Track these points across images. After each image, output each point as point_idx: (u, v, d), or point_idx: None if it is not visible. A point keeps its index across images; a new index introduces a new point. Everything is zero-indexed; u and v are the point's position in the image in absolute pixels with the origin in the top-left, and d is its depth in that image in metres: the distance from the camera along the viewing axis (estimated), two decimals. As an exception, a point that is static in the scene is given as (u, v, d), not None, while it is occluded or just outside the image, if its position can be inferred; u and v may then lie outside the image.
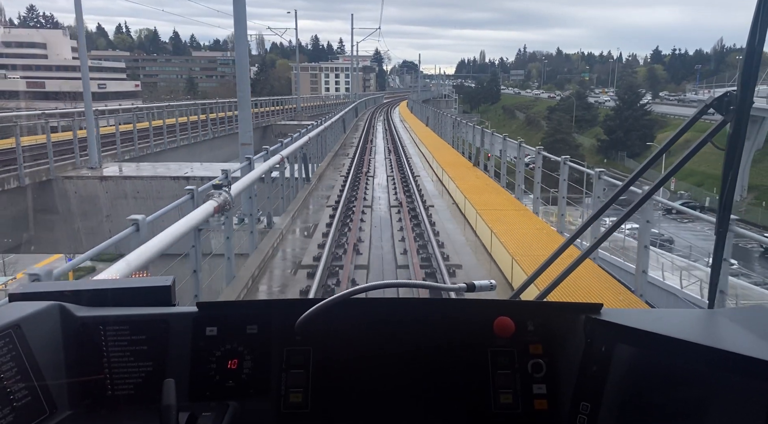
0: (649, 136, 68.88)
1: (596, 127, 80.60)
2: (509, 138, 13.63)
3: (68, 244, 17.11)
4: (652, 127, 72.62)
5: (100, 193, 16.28)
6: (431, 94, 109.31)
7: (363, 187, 14.26)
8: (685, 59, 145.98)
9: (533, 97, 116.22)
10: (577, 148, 69.17)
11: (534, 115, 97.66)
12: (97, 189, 16.31)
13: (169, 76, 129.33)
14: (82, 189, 16.30)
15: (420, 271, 7.51)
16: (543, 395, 1.26)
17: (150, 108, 26.07)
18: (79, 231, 16.24)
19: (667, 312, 1.44)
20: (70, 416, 1.16)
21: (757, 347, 1.03)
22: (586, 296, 5.58)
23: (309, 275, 7.28)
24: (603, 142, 74.96)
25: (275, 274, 7.84)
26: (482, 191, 11.96)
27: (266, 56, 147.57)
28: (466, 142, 20.45)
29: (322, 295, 6.73)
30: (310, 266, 7.65)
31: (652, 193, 1.56)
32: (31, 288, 1.33)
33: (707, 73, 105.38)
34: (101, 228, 15.62)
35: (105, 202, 16.29)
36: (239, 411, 1.21)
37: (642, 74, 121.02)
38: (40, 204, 16.05)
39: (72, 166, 16.83)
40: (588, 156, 71.66)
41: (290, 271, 7.82)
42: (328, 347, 1.28)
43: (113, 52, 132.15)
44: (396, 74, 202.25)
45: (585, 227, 1.69)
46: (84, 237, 16.45)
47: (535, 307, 1.35)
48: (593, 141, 77.94)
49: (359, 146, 23.70)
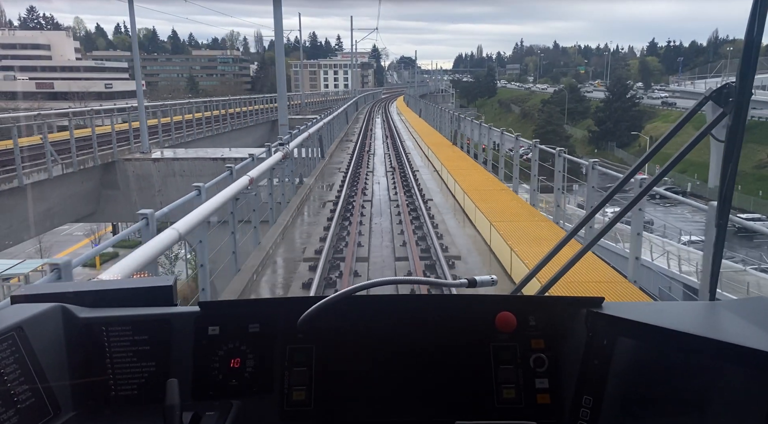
0: (637, 127, 73.10)
1: (588, 119, 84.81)
2: (492, 126, 17.94)
3: (127, 214, 21.35)
4: (641, 118, 76.85)
5: (153, 172, 20.54)
6: (428, 89, 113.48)
7: (366, 160, 18.59)
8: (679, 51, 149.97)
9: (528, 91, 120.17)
10: (567, 139, 73.25)
11: (529, 108, 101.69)
12: (151, 169, 20.56)
13: (169, 76, 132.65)
14: (138, 169, 20.55)
15: (404, 200, 11.83)
16: (545, 390, 1.28)
17: (174, 105, 30.24)
18: (136, 203, 20.46)
19: (668, 305, 1.51)
20: (74, 417, 1.17)
21: (758, 338, 1.04)
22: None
23: (333, 204, 11.55)
24: (594, 133, 79.14)
25: (311, 205, 12.16)
26: (453, 159, 16.31)
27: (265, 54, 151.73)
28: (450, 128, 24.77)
29: (343, 209, 10.99)
30: (333, 200, 11.96)
31: (652, 186, 1.58)
32: (34, 290, 1.35)
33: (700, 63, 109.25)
34: (153, 200, 19.79)
35: (157, 179, 20.54)
36: (243, 410, 1.23)
37: (634, 67, 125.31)
38: (105, 181, 20.34)
39: (128, 151, 21.09)
40: (580, 146, 75.93)
41: (319, 204, 12.12)
42: (331, 345, 1.30)
43: (114, 52, 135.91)
44: (394, 70, 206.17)
45: (585, 221, 1.75)
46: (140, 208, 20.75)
47: (537, 302, 1.38)
48: (585, 132, 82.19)
49: (361, 133, 28.07)
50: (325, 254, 8.03)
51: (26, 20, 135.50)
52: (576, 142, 77.81)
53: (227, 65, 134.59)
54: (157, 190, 20.49)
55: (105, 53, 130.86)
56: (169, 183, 20.34)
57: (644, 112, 78.98)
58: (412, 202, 11.80)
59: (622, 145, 74.46)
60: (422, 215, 10.47)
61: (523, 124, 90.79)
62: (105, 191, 20.46)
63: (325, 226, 9.85)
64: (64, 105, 59.29)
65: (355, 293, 1.25)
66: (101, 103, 54.49)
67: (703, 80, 60.68)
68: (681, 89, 69.94)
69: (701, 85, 61.46)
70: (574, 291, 5.27)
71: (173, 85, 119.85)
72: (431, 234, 9.03)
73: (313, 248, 8.53)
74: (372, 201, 12.31)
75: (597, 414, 1.21)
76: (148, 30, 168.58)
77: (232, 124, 32.45)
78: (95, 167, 19.33)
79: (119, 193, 20.63)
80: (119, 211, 20.92)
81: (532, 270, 1.57)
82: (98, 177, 19.99)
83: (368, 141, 25.18)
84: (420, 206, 11.22)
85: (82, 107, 38.06)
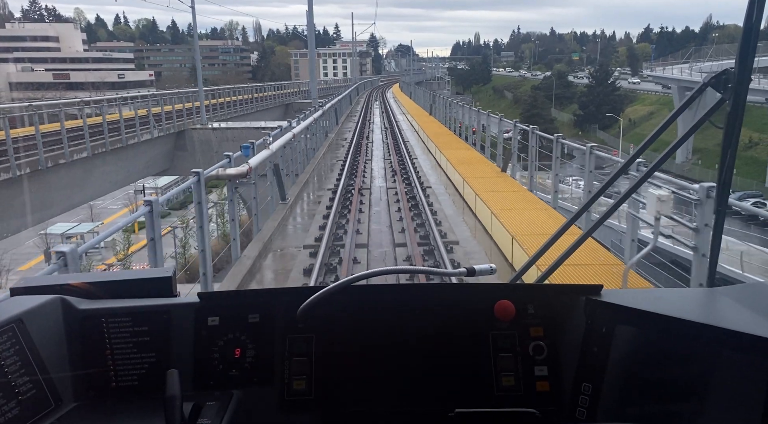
0: (617, 110, 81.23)
1: (574, 103, 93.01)
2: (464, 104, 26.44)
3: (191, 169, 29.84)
4: (621, 101, 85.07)
5: (211, 138, 28.94)
6: (425, 76, 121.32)
7: (367, 127, 27.12)
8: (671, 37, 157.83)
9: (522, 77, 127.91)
10: (551, 121, 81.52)
11: (521, 94, 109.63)
12: (210, 136, 28.96)
13: (172, 66, 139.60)
14: (201, 136, 28.94)
15: (391, 140, 20.46)
16: (545, 377, 1.32)
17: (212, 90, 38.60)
18: (199, 162, 28.84)
19: (667, 292, 1.51)
20: (75, 408, 1.20)
21: (756, 324, 1.07)
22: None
23: (344, 158, 19.94)
24: (578, 117, 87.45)
25: (335, 151, 20.67)
26: (429, 124, 24.87)
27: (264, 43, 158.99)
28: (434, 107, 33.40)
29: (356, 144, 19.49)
30: (348, 140, 20.51)
31: (651, 173, 1.61)
32: (33, 282, 1.39)
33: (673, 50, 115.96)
34: (212, 160, 28.23)
35: (214, 143, 28.93)
36: (243, 399, 1.28)
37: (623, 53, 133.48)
38: (177, 145, 28.73)
39: (192, 123, 29.48)
40: (567, 129, 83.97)
41: (342, 140, 20.63)
42: (331, 334, 1.35)
43: (117, 43, 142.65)
44: (392, 58, 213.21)
45: (584, 208, 1.80)
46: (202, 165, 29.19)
47: (535, 290, 1.42)
48: (571, 116, 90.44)
49: (362, 111, 36.63)
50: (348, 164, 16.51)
51: (28, 12, 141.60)
52: (563, 125, 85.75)
53: (228, 55, 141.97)
54: (214, 152, 28.86)
55: (108, 44, 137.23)
56: (223, 146, 28.72)
57: (625, 96, 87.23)
58: (395, 139, 20.43)
59: (604, 128, 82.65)
60: (399, 142, 19.07)
61: (515, 109, 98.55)
62: (177, 152, 28.88)
63: (344, 154, 18.32)
64: (83, 94, 66.75)
65: (353, 283, 1.30)
66: (117, 92, 61.96)
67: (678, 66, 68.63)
68: (654, 75, 77.95)
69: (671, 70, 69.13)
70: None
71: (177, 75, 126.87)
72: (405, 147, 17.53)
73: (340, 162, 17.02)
74: (372, 140, 20.91)
75: (596, 401, 1.25)
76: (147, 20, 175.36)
77: (256, 106, 40.92)
78: (171, 134, 27.76)
79: (187, 153, 29.05)
80: (186, 167, 29.31)
81: (531, 258, 1.64)
82: (173, 142, 28.41)
83: (369, 117, 33.82)
84: (398, 136, 19.90)
85: (100, 96, 46.18)
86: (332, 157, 18.50)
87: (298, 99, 52.50)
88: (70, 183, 20.06)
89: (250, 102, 40.09)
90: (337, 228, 9.24)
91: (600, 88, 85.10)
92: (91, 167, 21.23)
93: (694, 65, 65.39)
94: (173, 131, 27.72)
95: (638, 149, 1.60)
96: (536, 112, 78.87)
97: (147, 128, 25.80)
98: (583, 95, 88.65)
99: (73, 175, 20.10)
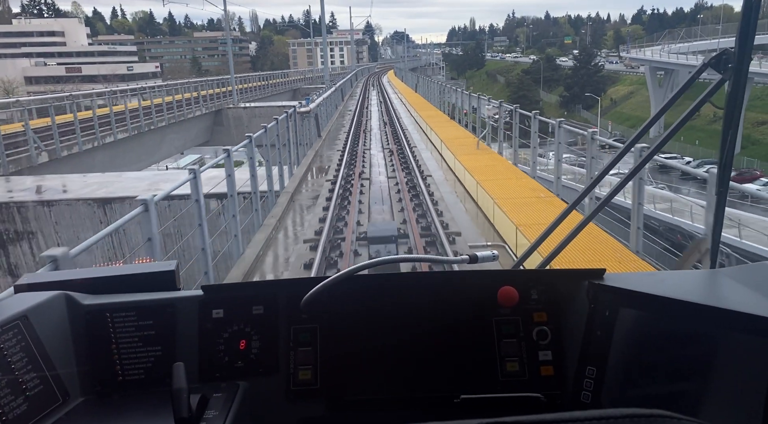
0: (600, 91, 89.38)
1: (561, 86, 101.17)
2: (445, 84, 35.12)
3: (228, 142, 38.42)
4: (605, 82, 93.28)
5: (243, 115, 37.56)
6: (419, 62, 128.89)
7: (367, 103, 35.90)
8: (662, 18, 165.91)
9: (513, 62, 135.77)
10: (537, 103, 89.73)
11: (512, 78, 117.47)
12: (242, 114, 37.59)
13: (173, 57, 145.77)
14: (234, 114, 37.58)
15: (383, 109, 29.21)
16: (549, 362, 1.35)
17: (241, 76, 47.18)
18: (234, 135, 37.45)
19: (670, 274, 1.54)
20: (82, 403, 1.23)
21: (760, 305, 1.09)
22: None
23: (350, 122, 28.53)
24: (564, 98, 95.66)
25: (345, 117, 29.35)
26: (414, 98, 33.62)
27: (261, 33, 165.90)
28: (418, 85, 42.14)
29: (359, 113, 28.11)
30: (353, 110, 29.22)
31: (652, 156, 1.66)
32: (36, 278, 1.41)
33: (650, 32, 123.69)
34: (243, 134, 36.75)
35: (246, 120, 37.53)
36: (250, 391, 1.31)
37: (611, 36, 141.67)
38: (215, 122, 37.38)
39: (226, 104, 38.11)
40: (553, 110, 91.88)
41: (348, 111, 29.31)
42: (335, 324, 1.38)
43: (119, 36, 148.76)
44: (387, 45, 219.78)
45: (586, 192, 1.81)
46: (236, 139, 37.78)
47: (538, 275, 1.45)
48: (558, 97, 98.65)
49: (362, 92, 45.47)
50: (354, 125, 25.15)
51: (27, 7, 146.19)
52: (550, 106, 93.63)
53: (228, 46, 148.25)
54: (245, 126, 37.49)
55: (110, 37, 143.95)
56: (253, 122, 37.32)
57: (608, 78, 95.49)
58: (387, 108, 29.01)
59: (587, 108, 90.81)
60: (390, 108, 27.70)
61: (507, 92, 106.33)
62: (215, 127, 37.53)
63: (351, 116, 26.89)
64: (98, 86, 73.70)
65: (357, 272, 1.33)
66: (127, 83, 69.44)
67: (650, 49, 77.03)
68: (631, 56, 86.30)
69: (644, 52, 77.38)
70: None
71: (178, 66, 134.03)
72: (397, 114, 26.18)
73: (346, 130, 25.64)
74: (370, 110, 29.55)
75: (600, 384, 1.28)
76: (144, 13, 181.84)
77: (270, 91, 49.68)
78: (211, 112, 36.40)
79: (223, 128, 37.71)
80: (223, 140, 37.90)
81: (533, 243, 1.67)
82: (212, 119, 37.05)
83: (367, 93, 42.62)
84: (389, 105, 28.45)
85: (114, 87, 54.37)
86: (344, 118, 27.17)
87: (303, 85, 61.29)
88: (151, 146, 28.74)
89: (266, 88, 48.78)
90: (353, 146, 17.91)
91: (584, 71, 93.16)
92: (163, 135, 29.88)
93: (665, 47, 73.74)
94: (213, 109, 36.35)
95: (636, 135, 1.67)
96: (523, 94, 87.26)
97: (190, 108, 34.36)
98: (568, 77, 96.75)
99: (153, 141, 28.75)
